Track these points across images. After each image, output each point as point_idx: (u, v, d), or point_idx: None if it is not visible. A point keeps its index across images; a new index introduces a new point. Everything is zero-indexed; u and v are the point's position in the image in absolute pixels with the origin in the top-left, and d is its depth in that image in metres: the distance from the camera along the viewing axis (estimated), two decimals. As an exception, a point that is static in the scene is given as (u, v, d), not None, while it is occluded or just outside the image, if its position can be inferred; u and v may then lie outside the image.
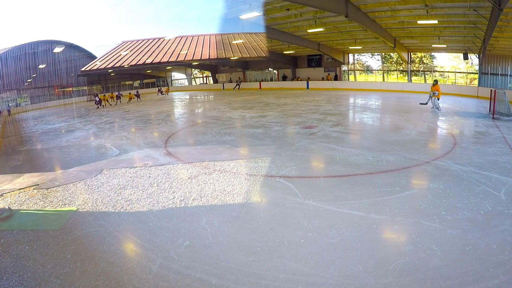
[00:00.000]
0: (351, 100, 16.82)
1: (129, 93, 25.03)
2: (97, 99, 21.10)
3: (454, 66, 22.26)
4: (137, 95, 25.34)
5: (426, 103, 11.61)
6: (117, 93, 25.02)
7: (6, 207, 4.21)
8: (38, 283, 2.61)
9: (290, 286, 2.47)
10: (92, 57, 31.60)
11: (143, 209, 3.93)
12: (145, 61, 29.35)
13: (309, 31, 18.89)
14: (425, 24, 15.15)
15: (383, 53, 24.90)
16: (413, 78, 23.59)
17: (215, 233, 3.28)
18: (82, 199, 4.36)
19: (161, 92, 31.44)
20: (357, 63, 26.66)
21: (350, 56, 25.89)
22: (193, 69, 38.91)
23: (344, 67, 26.14)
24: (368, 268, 2.62)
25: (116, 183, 4.95)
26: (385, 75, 25.50)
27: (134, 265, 2.85)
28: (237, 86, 29.61)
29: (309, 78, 27.15)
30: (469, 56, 18.67)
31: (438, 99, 11.19)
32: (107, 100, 22.19)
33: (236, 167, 5.46)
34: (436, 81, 11.89)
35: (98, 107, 20.22)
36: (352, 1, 13.69)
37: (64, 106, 24.66)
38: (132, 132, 9.80)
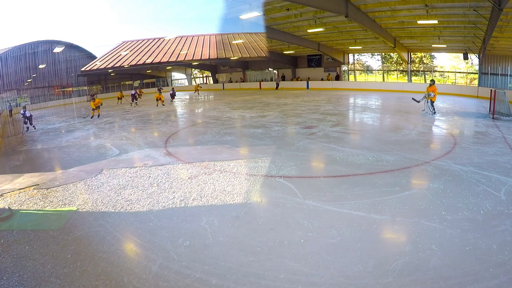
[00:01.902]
0: (351, 100, 16.82)
1: (159, 92, 18.66)
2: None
3: (454, 66, 22.27)
4: (173, 95, 20.36)
5: (419, 101, 10.78)
6: (133, 92, 19.75)
7: (6, 207, 4.21)
8: (38, 283, 2.61)
9: (290, 286, 2.47)
10: (92, 57, 31.63)
11: (143, 209, 3.93)
12: (145, 61, 29.36)
13: (309, 31, 18.91)
14: (425, 24, 15.16)
15: (383, 53, 24.91)
16: (413, 78, 23.61)
17: (215, 233, 3.28)
18: (82, 199, 4.36)
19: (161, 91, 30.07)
20: (357, 63, 26.67)
21: (350, 56, 25.90)
22: (193, 69, 38.93)
23: (344, 67, 26.15)
24: (368, 268, 2.62)
25: (116, 183, 4.95)
26: (385, 75, 25.51)
27: (134, 265, 2.85)
28: (277, 86, 26.90)
29: (309, 78, 27.16)
30: (469, 56, 18.67)
31: (433, 102, 10.36)
32: (95, 108, 13.93)
33: (236, 167, 5.46)
34: (433, 81, 10.75)
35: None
36: (352, 1, 13.69)
37: (64, 106, 24.64)
38: (132, 132, 9.80)
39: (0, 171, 6.18)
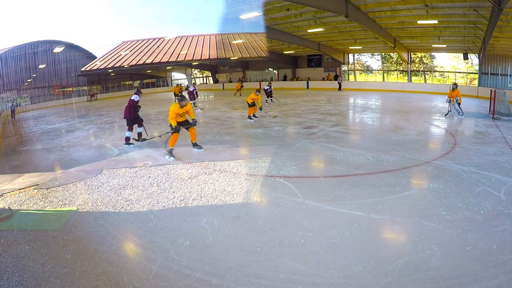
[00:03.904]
0: (351, 100, 16.82)
1: (241, 83, 11.61)
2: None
3: (454, 66, 22.28)
4: (269, 93, 15.49)
5: (449, 111, 10.36)
6: (191, 89, 15.58)
7: (6, 207, 4.21)
8: (38, 283, 2.61)
9: (290, 286, 2.47)
10: (92, 57, 31.63)
11: (143, 209, 3.93)
12: (145, 61, 29.37)
13: (309, 31, 18.92)
14: (425, 24, 15.17)
15: (383, 53, 24.91)
16: (413, 78, 23.62)
17: (215, 233, 3.28)
18: (82, 199, 4.36)
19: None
20: (357, 63, 26.68)
21: (350, 56, 25.91)
22: (193, 69, 38.94)
23: (344, 67, 26.16)
24: (368, 268, 2.62)
25: (116, 183, 4.95)
26: (385, 75, 25.52)
27: (134, 265, 2.85)
28: (340, 87, 23.15)
29: (309, 78, 27.17)
30: (469, 56, 18.68)
31: (460, 103, 10.08)
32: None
33: (236, 167, 5.46)
34: (455, 85, 10.36)
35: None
36: (352, 1, 13.70)
37: (64, 106, 24.63)
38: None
39: (0, 171, 6.18)
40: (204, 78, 39.19)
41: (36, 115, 18.90)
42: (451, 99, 10.18)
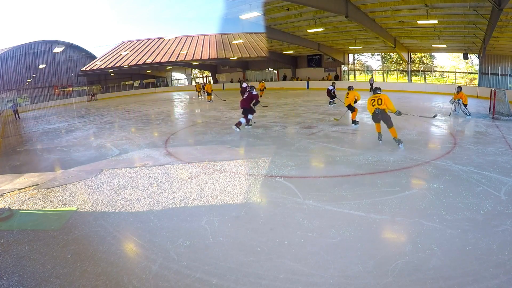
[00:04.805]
0: (351, 100, 16.77)
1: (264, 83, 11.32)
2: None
3: (454, 66, 22.28)
4: (334, 94, 12.72)
5: (454, 110, 10.60)
6: (245, 85, 13.55)
7: (6, 207, 4.21)
8: (38, 283, 2.61)
9: (290, 286, 2.47)
10: (92, 57, 31.65)
11: (143, 209, 3.93)
12: (145, 61, 29.38)
13: (309, 31, 18.92)
14: (425, 24, 15.17)
15: (383, 53, 24.91)
16: (413, 78, 23.62)
17: (215, 233, 3.28)
18: (82, 199, 4.36)
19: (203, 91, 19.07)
20: (357, 63, 26.68)
21: (350, 56, 25.92)
22: (193, 69, 38.95)
23: (344, 67, 26.16)
24: (368, 268, 2.62)
25: (116, 183, 4.95)
26: (385, 75, 25.52)
27: (134, 265, 2.85)
28: (371, 88, 19.34)
29: (309, 78, 27.16)
30: (469, 56, 18.68)
31: (466, 105, 10.20)
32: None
33: (236, 167, 5.46)
34: (460, 88, 10.53)
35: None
36: (352, 1, 13.70)
37: (64, 106, 24.63)
38: (132, 132, 9.80)
39: (0, 171, 6.18)
40: (204, 78, 39.19)
41: (36, 115, 18.90)
42: (456, 100, 10.28)
